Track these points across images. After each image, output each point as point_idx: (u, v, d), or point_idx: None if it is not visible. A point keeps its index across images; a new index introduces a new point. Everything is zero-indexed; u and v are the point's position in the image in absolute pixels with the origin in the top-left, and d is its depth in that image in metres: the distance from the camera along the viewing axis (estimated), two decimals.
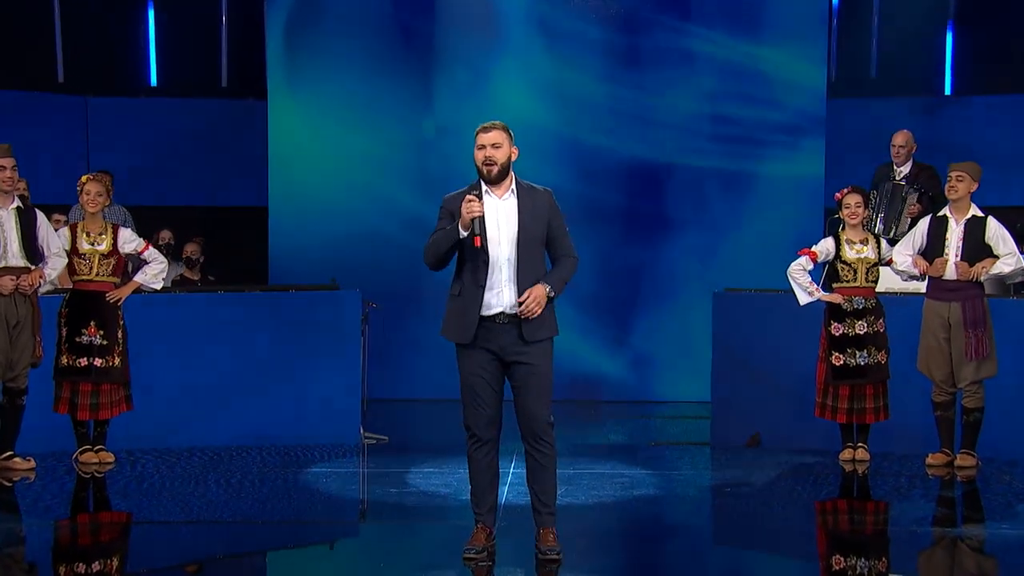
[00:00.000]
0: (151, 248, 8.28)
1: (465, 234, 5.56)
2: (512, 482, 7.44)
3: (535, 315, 5.58)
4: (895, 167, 9.84)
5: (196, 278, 10.92)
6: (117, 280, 8.18)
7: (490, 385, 5.68)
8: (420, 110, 11.80)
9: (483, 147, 5.69)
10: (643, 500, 7.32)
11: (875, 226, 9.46)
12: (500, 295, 5.62)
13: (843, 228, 8.34)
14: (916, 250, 8.14)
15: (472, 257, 5.62)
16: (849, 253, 8.21)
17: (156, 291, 8.39)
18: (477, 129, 5.73)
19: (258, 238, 11.90)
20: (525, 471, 5.80)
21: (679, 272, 11.74)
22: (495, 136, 5.68)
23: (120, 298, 8.10)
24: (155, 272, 8.24)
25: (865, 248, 8.23)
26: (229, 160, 12.33)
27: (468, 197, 5.58)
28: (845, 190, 8.38)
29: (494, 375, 5.69)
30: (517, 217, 5.65)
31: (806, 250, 8.34)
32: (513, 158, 5.72)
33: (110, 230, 8.13)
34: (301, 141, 11.76)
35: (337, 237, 11.70)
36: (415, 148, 11.79)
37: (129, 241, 8.17)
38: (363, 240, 11.70)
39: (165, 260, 8.40)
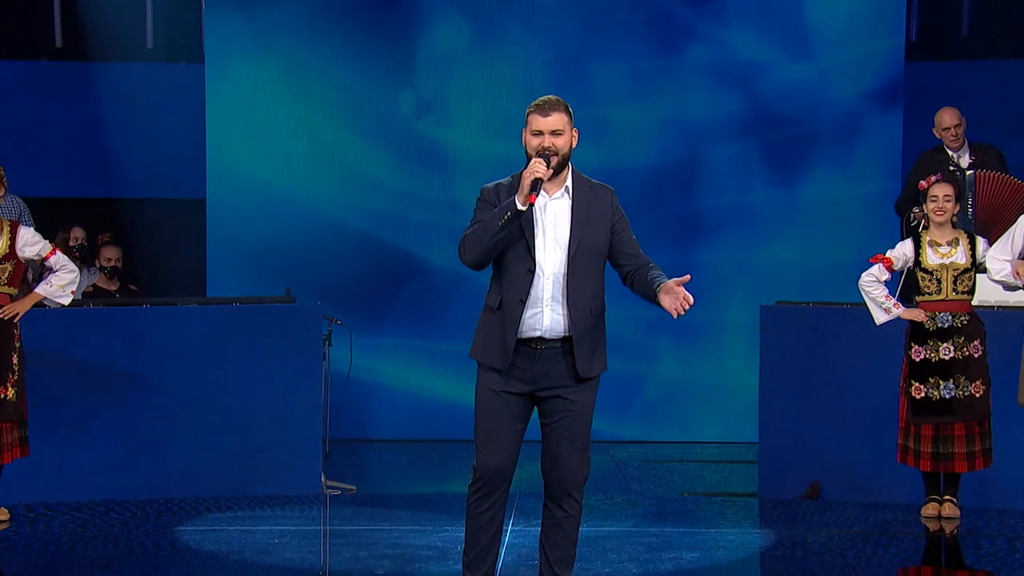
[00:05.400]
0: (58, 253, 8.22)
1: (523, 208, 5.54)
2: (512, 543, 7.46)
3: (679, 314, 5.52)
4: (951, 154, 9.83)
5: (114, 288, 10.93)
6: (15, 292, 8.16)
7: (511, 423, 5.69)
8: (397, 79, 11.81)
9: (540, 133, 5.64)
10: (674, 565, 7.30)
11: (968, 224, 9.45)
12: (540, 316, 5.63)
13: (926, 227, 8.35)
14: (1016, 254, 8.14)
15: (516, 263, 5.64)
16: (931, 258, 8.20)
17: (63, 307, 8.35)
18: (531, 107, 5.68)
19: (193, 238, 11.91)
20: (540, 531, 5.82)
21: (717, 282, 11.76)
22: (556, 121, 5.64)
23: (17, 314, 8.08)
24: (64, 283, 8.16)
25: (954, 251, 8.20)
26: (156, 140, 12.32)
27: (537, 159, 5.56)
28: (933, 178, 8.37)
29: (520, 411, 5.70)
30: (570, 222, 5.66)
31: (879, 256, 8.32)
32: (574, 145, 5.72)
33: (6, 229, 8.10)
34: (247, 117, 11.77)
35: (292, 237, 11.71)
36: (390, 127, 11.81)
37: (31, 243, 8.11)
38: (325, 241, 11.72)
39: (76, 269, 8.30)
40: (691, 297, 5.49)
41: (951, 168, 9.65)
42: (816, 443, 9.12)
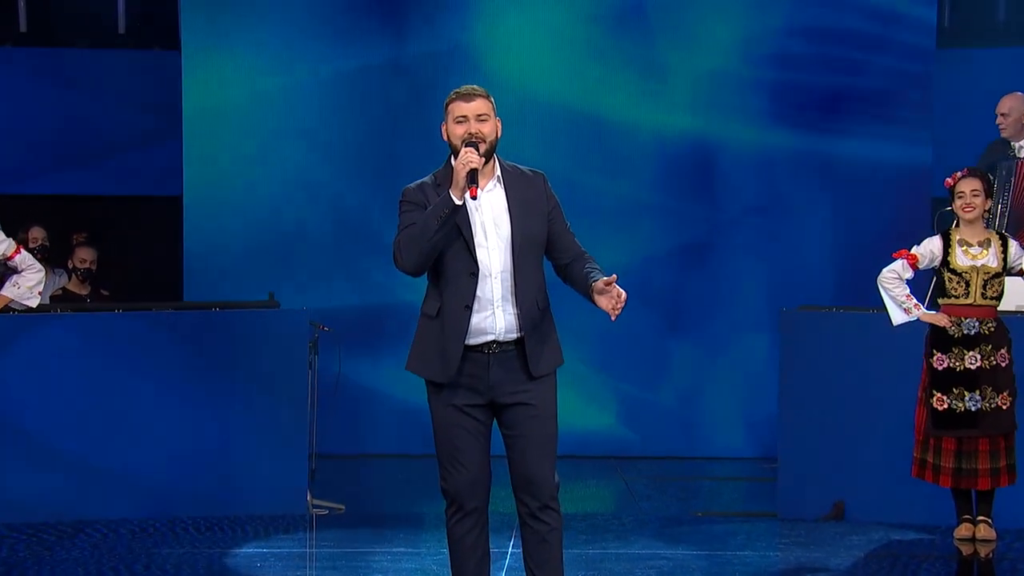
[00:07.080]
0: (23, 252, 8.28)
1: (460, 202, 5.57)
2: (512, 565, 7.45)
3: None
4: (1013, 144, 9.86)
5: (84, 292, 10.94)
6: None
7: (475, 437, 5.71)
8: (388, 70, 11.81)
9: (464, 119, 5.71)
10: None
11: (998, 223, 9.46)
12: (492, 318, 5.66)
13: (957, 225, 8.35)
14: None
15: (455, 265, 5.66)
16: (960, 259, 8.19)
17: (30, 309, 8.36)
18: (451, 97, 5.77)
19: (169, 238, 11.89)
20: (522, 549, 5.81)
21: (733, 286, 11.76)
22: (479, 106, 5.72)
23: None
24: (31, 284, 8.24)
25: (985, 252, 8.19)
26: (128, 133, 12.31)
27: (466, 148, 5.61)
28: (959, 173, 8.36)
29: (480, 424, 5.72)
30: (508, 214, 5.70)
31: (904, 252, 8.32)
32: (499, 135, 5.78)
33: None
34: (227, 109, 11.77)
35: (275, 237, 11.71)
36: (380, 121, 11.80)
37: None
38: (310, 242, 11.72)
39: (42, 269, 8.40)
40: (624, 293, 5.53)
41: (1011, 156, 9.67)
42: (841, 459, 9.10)
